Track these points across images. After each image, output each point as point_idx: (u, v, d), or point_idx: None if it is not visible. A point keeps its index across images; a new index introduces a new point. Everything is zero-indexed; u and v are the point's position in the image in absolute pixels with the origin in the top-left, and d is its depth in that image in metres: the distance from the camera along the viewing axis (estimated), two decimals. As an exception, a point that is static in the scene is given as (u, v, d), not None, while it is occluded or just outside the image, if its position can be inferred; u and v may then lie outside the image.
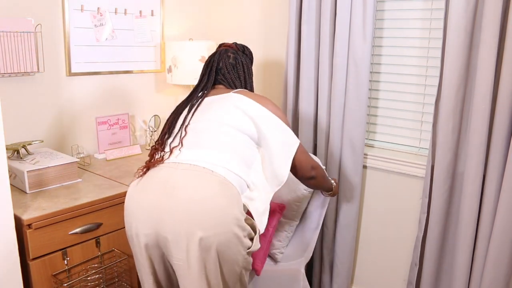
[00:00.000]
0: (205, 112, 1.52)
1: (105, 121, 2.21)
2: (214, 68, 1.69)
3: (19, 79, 1.95)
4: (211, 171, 1.33)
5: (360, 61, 2.00)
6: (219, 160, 1.36)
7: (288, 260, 1.90)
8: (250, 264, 1.41)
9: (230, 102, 1.53)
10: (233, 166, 1.37)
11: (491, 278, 1.75)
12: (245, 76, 1.74)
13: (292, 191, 1.93)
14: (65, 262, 1.64)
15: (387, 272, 2.26)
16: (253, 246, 1.36)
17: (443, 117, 1.82)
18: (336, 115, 2.12)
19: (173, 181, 1.31)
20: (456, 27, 1.72)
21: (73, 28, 2.10)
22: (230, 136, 1.44)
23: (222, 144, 1.41)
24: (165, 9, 2.50)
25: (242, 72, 1.73)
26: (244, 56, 1.76)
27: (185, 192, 1.28)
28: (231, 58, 1.72)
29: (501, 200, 1.69)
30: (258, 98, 1.57)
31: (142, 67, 2.43)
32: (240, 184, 1.38)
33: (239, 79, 1.73)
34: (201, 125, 1.47)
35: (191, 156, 1.38)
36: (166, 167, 1.38)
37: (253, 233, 1.38)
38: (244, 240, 1.33)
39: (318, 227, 1.95)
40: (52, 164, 1.78)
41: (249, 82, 1.76)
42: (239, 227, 1.30)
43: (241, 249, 1.33)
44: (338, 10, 2.02)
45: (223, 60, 1.70)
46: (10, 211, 1.42)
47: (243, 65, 1.73)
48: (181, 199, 1.28)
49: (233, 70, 1.71)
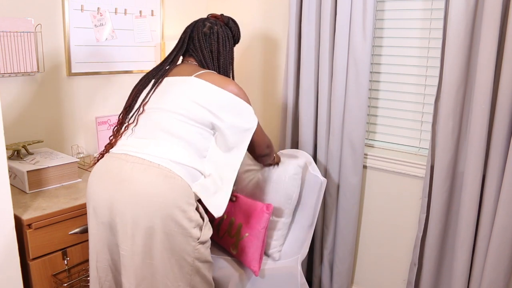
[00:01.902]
0: (161, 98, 1.49)
1: (105, 121, 2.21)
2: (186, 37, 1.61)
3: (19, 79, 1.95)
4: (157, 164, 1.37)
5: (360, 61, 2.00)
6: (166, 153, 1.40)
7: (285, 257, 1.91)
8: (205, 256, 1.44)
9: (187, 92, 1.47)
10: (181, 157, 1.40)
11: (491, 278, 1.75)
12: (218, 49, 1.61)
13: (281, 189, 1.90)
14: (65, 262, 1.64)
15: (387, 272, 2.26)
16: (202, 235, 1.40)
17: (443, 117, 1.82)
18: (336, 115, 2.12)
19: (123, 174, 1.37)
20: (456, 27, 1.72)
21: (73, 28, 2.10)
22: (182, 127, 1.43)
23: (172, 136, 1.43)
24: (165, 9, 2.50)
25: (215, 44, 1.59)
26: (225, 28, 1.63)
27: (131, 186, 1.35)
28: (206, 27, 1.60)
29: (501, 200, 1.69)
30: (218, 80, 1.50)
31: (142, 67, 2.43)
32: (190, 174, 1.41)
33: (210, 52, 1.60)
34: (155, 114, 1.47)
35: (140, 147, 1.42)
36: (118, 158, 1.42)
37: (202, 223, 1.41)
38: (193, 230, 1.38)
39: (313, 224, 1.95)
40: (52, 164, 1.78)
41: (224, 58, 1.63)
42: (182, 216, 1.35)
43: (189, 240, 1.37)
44: (338, 10, 2.02)
45: (197, 29, 1.61)
46: (10, 211, 1.42)
47: (218, 36, 1.59)
48: (128, 192, 1.34)
49: (204, 41, 1.59)
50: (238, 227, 1.82)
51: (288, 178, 1.87)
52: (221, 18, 1.68)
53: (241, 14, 2.58)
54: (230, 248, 1.85)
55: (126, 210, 1.34)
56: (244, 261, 1.80)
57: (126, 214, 1.34)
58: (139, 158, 1.38)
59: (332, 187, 2.20)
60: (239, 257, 1.81)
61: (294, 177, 1.88)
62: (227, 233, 1.85)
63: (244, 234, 1.79)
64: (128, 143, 1.46)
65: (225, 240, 1.87)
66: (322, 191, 1.95)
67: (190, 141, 1.44)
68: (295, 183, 1.88)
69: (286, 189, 1.88)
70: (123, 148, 1.44)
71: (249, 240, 1.78)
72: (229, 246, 1.85)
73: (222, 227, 1.89)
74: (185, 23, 1.71)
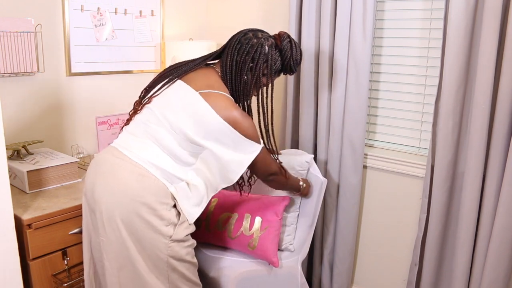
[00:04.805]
0: (162, 102, 1.48)
1: (105, 121, 2.20)
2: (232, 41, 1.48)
3: (19, 79, 1.95)
4: (135, 162, 1.41)
5: (360, 61, 2.00)
6: (148, 156, 1.43)
7: (285, 257, 1.91)
8: (181, 255, 1.45)
9: (186, 108, 1.43)
10: (162, 163, 1.43)
11: (491, 278, 1.75)
12: (241, 67, 1.44)
13: None
14: (65, 262, 1.64)
15: (387, 272, 2.26)
16: (175, 234, 1.42)
17: (443, 117, 1.82)
18: (336, 115, 2.12)
19: (105, 166, 1.45)
20: (456, 27, 1.72)
21: (73, 28, 2.10)
22: (171, 141, 1.43)
23: (160, 145, 1.44)
24: (165, 9, 2.50)
25: (241, 59, 1.43)
26: (269, 47, 1.44)
27: (108, 179, 1.42)
28: (247, 39, 1.45)
29: (501, 200, 1.69)
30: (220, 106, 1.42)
31: (142, 67, 2.43)
32: (167, 177, 1.43)
33: (232, 66, 1.45)
34: (151, 117, 1.47)
35: (128, 144, 1.46)
36: (109, 151, 1.48)
37: (176, 221, 1.43)
38: (164, 228, 1.40)
39: (313, 224, 1.96)
40: (52, 164, 1.78)
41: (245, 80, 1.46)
42: (150, 213, 1.38)
43: (161, 237, 1.40)
44: (338, 10, 2.02)
45: (237, 37, 1.47)
46: (10, 211, 1.42)
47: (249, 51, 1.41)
48: (104, 183, 1.42)
49: (235, 51, 1.45)
50: (257, 222, 1.85)
51: (295, 171, 1.93)
52: (279, 37, 1.48)
53: (241, 14, 2.58)
54: (248, 246, 1.85)
55: (102, 200, 1.41)
56: (264, 255, 1.81)
57: (101, 205, 1.41)
58: (123, 154, 1.44)
59: (332, 187, 2.20)
60: (258, 252, 1.82)
61: (300, 172, 1.94)
62: (243, 232, 1.86)
63: (264, 227, 1.82)
64: (122, 137, 1.52)
65: (240, 240, 1.87)
66: (323, 191, 1.96)
67: (175, 154, 1.45)
68: None
69: None
70: (117, 142, 1.51)
71: (268, 232, 1.81)
72: (246, 244, 1.85)
73: (235, 228, 1.88)
74: (185, 23, 1.70)
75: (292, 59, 1.52)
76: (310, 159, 1.98)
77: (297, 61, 1.55)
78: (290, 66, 1.54)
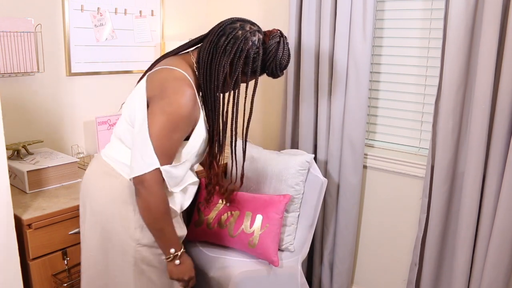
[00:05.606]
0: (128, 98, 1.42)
1: (105, 121, 2.20)
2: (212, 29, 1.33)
3: (19, 79, 1.95)
4: (104, 162, 1.44)
5: (360, 61, 2.00)
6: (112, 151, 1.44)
7: (285, 257, 1.91)
8: (149, 260, 1.39)
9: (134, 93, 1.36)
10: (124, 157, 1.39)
11: (491, 278, 1.75)
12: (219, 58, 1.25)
13: (289, 186, 1.96)
14: (65, 262, 1.64)
15: (387, 272, 2.26)
16: (143, 237, 1.37)
17: (443, 117, 1.82)
18: (336, 115, 2.12)
19: (91, 166, 1.49)
20: (456, 27, 1.72)
21: (73, 28, 2.10)
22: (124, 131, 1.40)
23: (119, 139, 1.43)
24: (165, 9, 2.49)
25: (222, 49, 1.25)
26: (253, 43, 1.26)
27: (86, 178, 1.47)
28: (232, 28, 1.28)
29: (501, 200, 1.69)
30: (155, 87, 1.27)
31: (142, 67, 2.43)
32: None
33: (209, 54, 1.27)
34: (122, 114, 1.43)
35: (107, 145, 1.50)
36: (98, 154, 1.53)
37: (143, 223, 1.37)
38: (133, 231, 1.36)
39: (313, 224, 1.97)
40: (52, 164, 1.78)
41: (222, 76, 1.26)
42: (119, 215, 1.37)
43: (129, 239, 1.37)
44: (338, 10, 2.02)
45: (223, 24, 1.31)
46: (10, 211, 1.42)
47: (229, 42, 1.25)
48: (84, 182, 1.47)
49: (215, 38, 1.29)
50: (257, 220, 1.85)
51: (295, 171, 1.94)
52: (269, 34, 1.31)
53: (241, 14, 2.58)
54: (248, 245, 1.85)
55: (83, 200, 1.47)
56: (264, 253, 1.82)
57: (81, 203, 1.49)
58: (100, 156, 1.48)
59: (332, 187, 2.20)
60: (258, 250, 1.83)
61: (301, 172, 1.96)
62: (243, 230, 1.86)
63: (264, 225, 1.83)
64: None
65: (240, 238, 1.87)
66: (323, 191, 1.96)
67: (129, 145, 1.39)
68: (302, 178, 1.95)
69: (297, 184, 1.96)
70: None
71: (269, 230, 1.82)
72: (246, 242, 1.85)
73: (236, 226, 1.88)
74: (185, 23, 1.70)
75: (275, 61, 1.33)
76: (310, 159, 1.98)
77: (281, 66, 1.35)
78: (272, 69, 1.35)
